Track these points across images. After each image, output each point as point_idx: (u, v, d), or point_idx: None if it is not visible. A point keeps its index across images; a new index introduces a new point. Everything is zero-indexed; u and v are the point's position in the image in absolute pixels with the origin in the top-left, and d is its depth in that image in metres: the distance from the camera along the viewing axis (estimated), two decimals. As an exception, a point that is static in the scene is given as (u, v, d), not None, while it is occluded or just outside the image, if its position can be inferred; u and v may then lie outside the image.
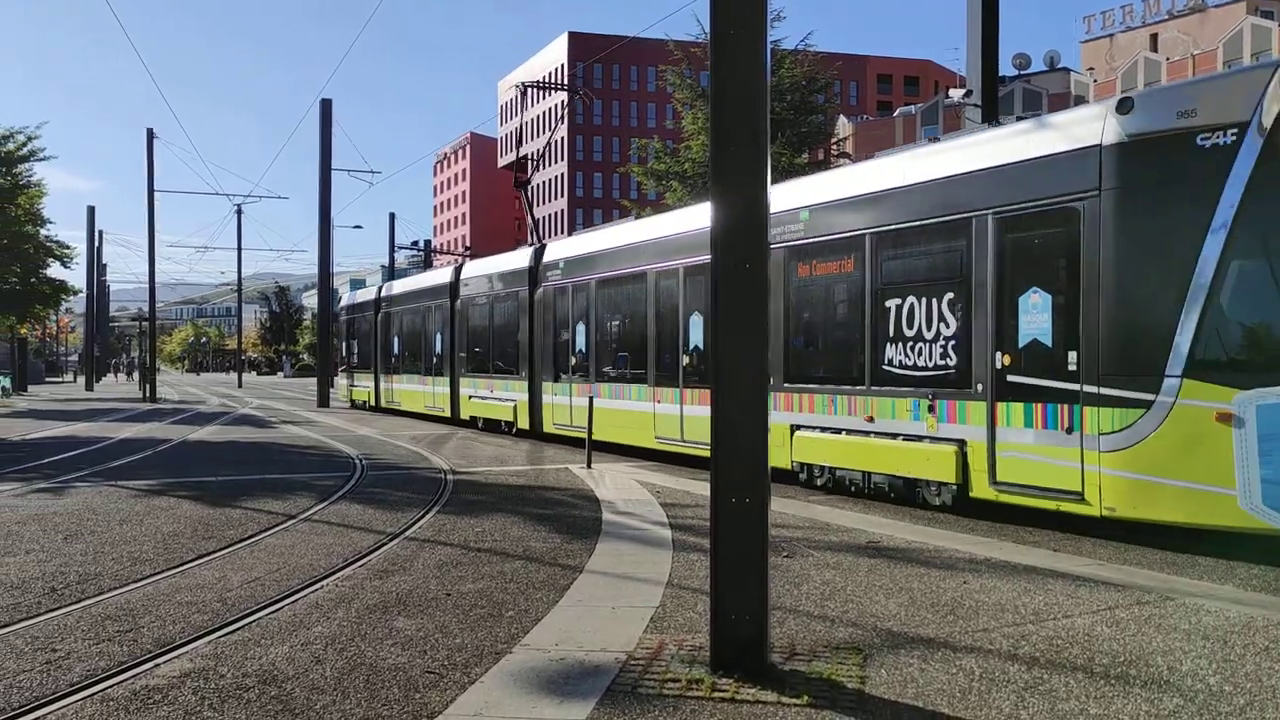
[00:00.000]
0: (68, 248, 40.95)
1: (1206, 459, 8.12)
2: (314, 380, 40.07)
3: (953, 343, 10.37)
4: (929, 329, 10.65)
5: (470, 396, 23.26)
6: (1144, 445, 8.50)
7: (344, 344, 36.07)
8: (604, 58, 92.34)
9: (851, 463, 11.72)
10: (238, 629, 6.14)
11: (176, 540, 9.17)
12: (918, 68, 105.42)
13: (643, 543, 8.89)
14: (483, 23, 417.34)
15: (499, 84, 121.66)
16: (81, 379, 67.55)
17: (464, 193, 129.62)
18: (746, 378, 5.28)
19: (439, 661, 5.46)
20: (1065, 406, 9.14)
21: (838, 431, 11.89)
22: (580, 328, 18.19)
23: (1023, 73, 66.56)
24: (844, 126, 64.23)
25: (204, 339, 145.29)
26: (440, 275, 26.81)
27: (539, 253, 20.31)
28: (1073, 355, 9.09)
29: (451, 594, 6.99)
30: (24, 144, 33.02)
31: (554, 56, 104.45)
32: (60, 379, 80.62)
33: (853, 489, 11.74)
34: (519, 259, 21.34)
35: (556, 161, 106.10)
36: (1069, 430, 9.10)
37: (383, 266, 73.97)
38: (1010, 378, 9.71)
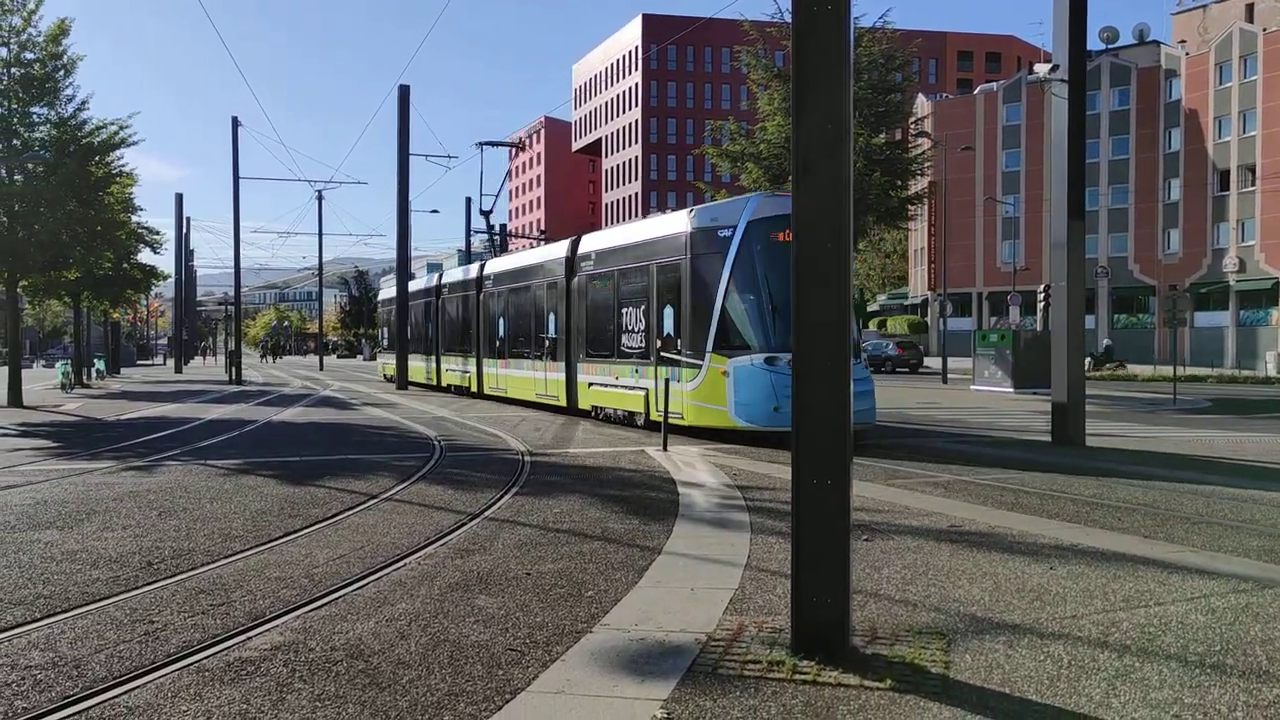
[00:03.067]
0: (157, 234, 41.99)
1: (719, 392, 15.56)
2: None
3: (643, 334, 17.77)
4: (636, 325, 18.03)
5: (447, 369, 31.74)
6: (699, 387, 15.98)
7: (380, 330, 45.63)
8: (678, 40, 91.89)
9: (611, 404, 19.09)
10: (325, 604, 6.28)
11: (264, 518, 9.42)
12: (1000, 44, 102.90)
13: (720, 525, 8.88)
14: (555, 8, 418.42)
15: (573, 68, 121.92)
16: (171, 362, 69.64)
17: (539, 177, 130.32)
18: (828, 358, 5.19)
19: (520, 639, 5.53)
20: (676, 368, 16.43)
21: (606, 386, 19.16)
22: (501, 321, 25.98)
23: (1110, 46, 64.56)
24: (923, 105, 63.07)
25: (285, 322, 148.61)
26: (430, 280, 35.14)
27: (482, 266, 28.51)
28: (680, 341, 16.48)
29: (531, 573, 7.07)
30: (116, 133, 33.91)
31: (629, 39, 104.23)
32: (150, 361, 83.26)
33: (613, 419, 19.02)
34: (471, 270, 29.44)
35: (630, 145, 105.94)
36: (678, 381, 16.29)
37: (459, 250, 74.86)
38: (661, 353, 16.94)
